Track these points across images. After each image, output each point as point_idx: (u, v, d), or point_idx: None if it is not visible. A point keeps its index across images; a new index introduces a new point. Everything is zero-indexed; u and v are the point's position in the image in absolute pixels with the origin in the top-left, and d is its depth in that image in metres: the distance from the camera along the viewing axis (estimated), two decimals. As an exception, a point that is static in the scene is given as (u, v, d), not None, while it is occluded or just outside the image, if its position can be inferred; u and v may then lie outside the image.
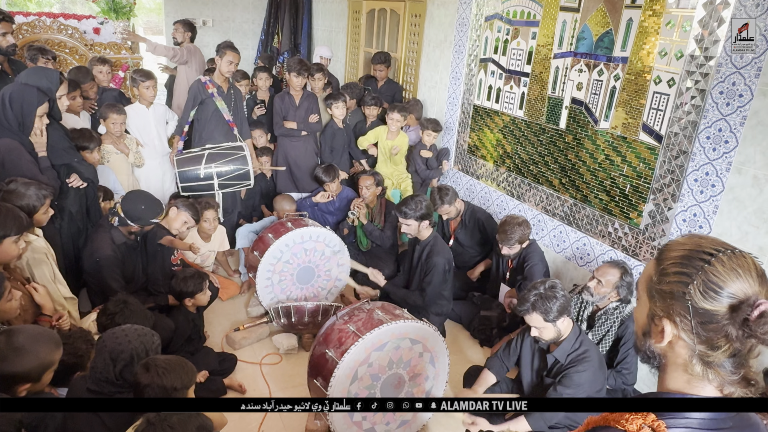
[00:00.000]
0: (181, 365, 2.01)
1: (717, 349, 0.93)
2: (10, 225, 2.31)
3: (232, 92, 4.49)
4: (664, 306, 0.99)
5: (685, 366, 0.98)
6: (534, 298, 2.52)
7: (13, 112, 2.90)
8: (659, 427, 0.96)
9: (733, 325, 0.91)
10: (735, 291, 0.91)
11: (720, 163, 2.82)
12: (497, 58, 4.42)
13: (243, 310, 4.04)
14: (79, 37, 6.07)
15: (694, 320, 0.94)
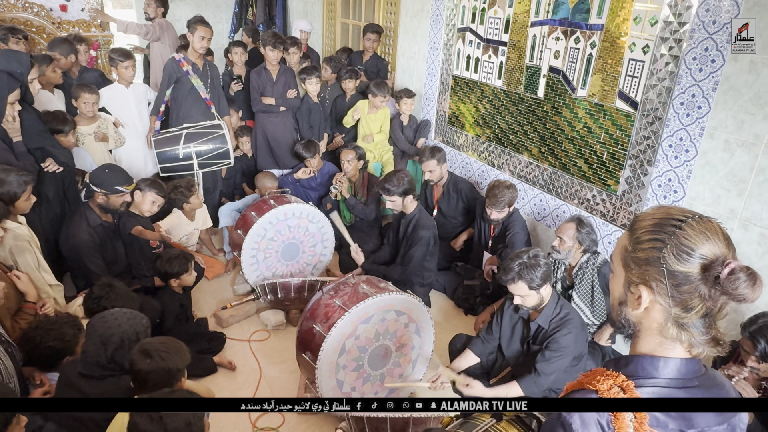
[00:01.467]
0: (177, 346, 2.04)
1: (691, 310, 0.99)
2: (-11, 213, 2.29)
3: (208, 69, 4.42)
4: (640, 273, 1.04)
5: (660, 330, 1.04)
6: (518, 267, 2.56)
7: None
8: (628, 386, 1.02)
9: (706, 284, 0.97)
10: (705, 252, 0.97)
11: (693, 128, 2.88)
12: (475, 27, 4.39)
13: (229, 289, 4.07)
14: (45, 15, 5.90)
15: (669, 283, 0.99)
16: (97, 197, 3.23)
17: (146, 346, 1.96)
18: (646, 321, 1.06)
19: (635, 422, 0.99)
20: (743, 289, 0.94)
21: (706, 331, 1.00)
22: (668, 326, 1.02)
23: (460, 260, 4.25)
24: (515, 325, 2.87)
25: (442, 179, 4.27)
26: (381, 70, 5.52)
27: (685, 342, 1.02)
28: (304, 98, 4.90)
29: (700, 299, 0.98)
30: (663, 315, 1.02)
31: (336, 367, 2.66)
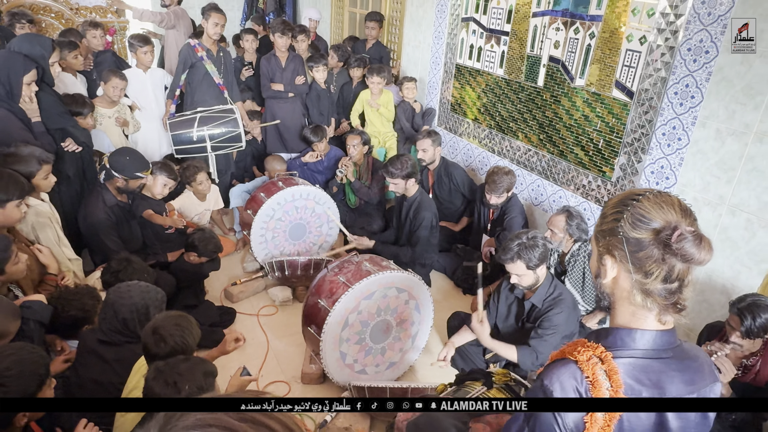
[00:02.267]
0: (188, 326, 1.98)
1: (650, 275, 1.04)
2: (12, 189, 2.34)
3: (222, 55, 4.43)
4: (605, 244, 1.11)
5: (629, 298, 1.08)
6: (518, 247, 2.60)
7: (1, 81, 2.85)
8: (606, 357, 1.06)
9: (657, 248, 1.02)
10: (658, 220, 1.03)
11: (686, 117, 2.89)
12: (478, 17, 4.38)
13: (239, 266, 4.13)
14: (63, 1, 5.89)
15: (628, 250, 1.05)
16: (116, 181, 3.28)
17: (159, 330, 1.90)
18: (618, 291, 1.11)
19: (611, 391, 1.03)
20: (689, 249, 0.99)
21: (668, 296, 1.05)
22: (634, 293, 1.07)
23: (460, 242, 4.29)
24: (511, 304, 2.92)
25: (434, 162, 4.28)
26: (383, 57, 5.51)
27: (652, 309, 1.07)
28: (312, 85, 4.91)
29: (655, 263, 1.03)
30: (629, 282, 1.07)
31: (339, 340, 2.72)
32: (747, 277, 2.72)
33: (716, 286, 2.87)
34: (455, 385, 1.89)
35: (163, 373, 1.66)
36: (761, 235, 2.63)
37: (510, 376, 1.80)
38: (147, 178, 3.40)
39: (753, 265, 2.68)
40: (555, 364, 1.11)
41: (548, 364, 1.14)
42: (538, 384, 1.11)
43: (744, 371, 2.34)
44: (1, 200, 2.30)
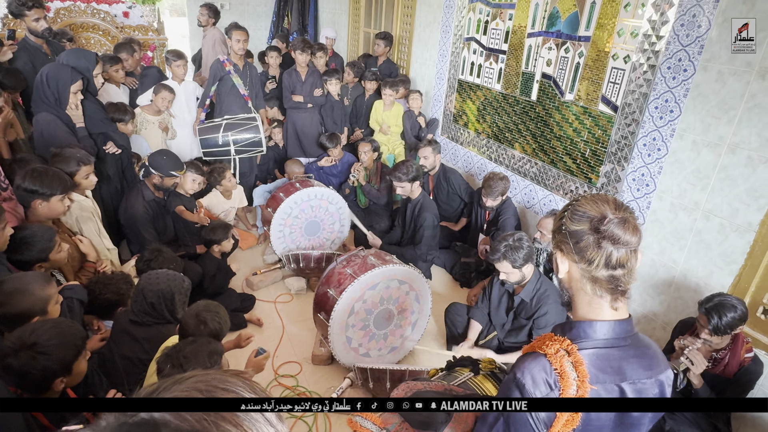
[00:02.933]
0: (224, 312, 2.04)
1: (592, 262, 1.04)
2: (57, 185, 2.37)
3: (248, 69, 4.46)
4: (555, 242, 1.12)
5: (582, 289, 1.08)
6: (504, 248, 2.60)
7: (50, 89, 2.90)
8: (572, 349, 1.05)
9: (592, 236, 1.03)
10: (593, 212, 1.04)
11: (665, 129, 2.84)
12: (479, 38, 4.36)
13: (260, 258, 4.15)
14: (110, 21, 5.97)
15: (571, 241, 1.06)
16: (153, 178, 3.33)
17: (202, 314, 1.95)
18: (573, 283, 1.11)
19: (578, 381, 1.02)
20: (616, 231, 1.01)
21: (611, 280, 1.05)
22: (584, 282, 1.07)
23: (458, 240, 4.27)
24: (502, 296, 2.91)
25: (434, 168, 4.27)
26: (393, 73, 5.51)
27: (604, 297, 1.06)
28: (327, 96, 4.93)
29: (593, 250, 1.03)
30: (578, 272, 1.08)
31: (346, 326, 2.72)
32: (719, 277, 2.67)
33: (690, 285, 2.83)
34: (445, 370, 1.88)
35: (170, 356, 1.67)
36: (732, 238, 2.58)
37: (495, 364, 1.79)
38: (179, 178, 3.44)
39: (724, 265, 2.64)
40: (526, 358, 1.10)
41: (520, 357, 1.13)
42: (511, 377, 1.09)
43: (714, 364, 2.30)
44: (46, 194, 2.34)
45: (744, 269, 2.54)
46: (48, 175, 2.35)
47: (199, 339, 1.75)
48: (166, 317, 2.13)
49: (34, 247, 2.14)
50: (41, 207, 2.35)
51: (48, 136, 2.88)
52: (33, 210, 2.36)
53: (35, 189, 2.31)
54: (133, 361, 2.03)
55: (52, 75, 2.89)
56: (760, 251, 2.47)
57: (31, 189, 2.30)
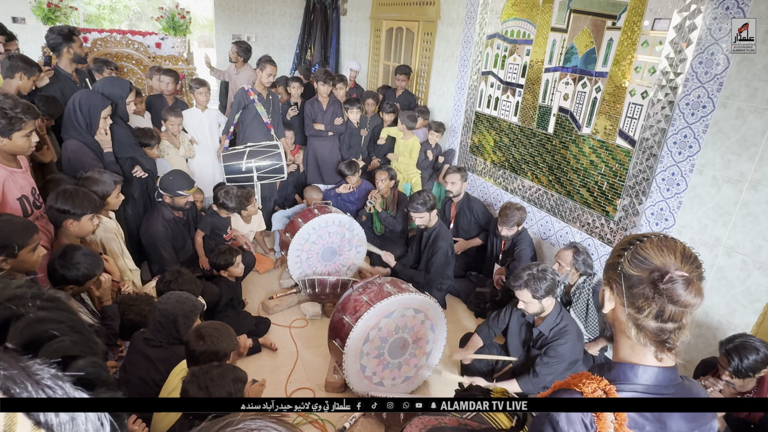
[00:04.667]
0: (227, 332, 2.02)
1: (642, 311, 0.98)
2: (87, 205, 2.42)
3: (270, 98, 4.55)
4: (606, 276, 1.07)
5: (625, 331, 1.03)
6: (527, 277, 2.54)
7: (82, 115, 2.99)
8: (610, 390, 0.99)
9: (649, 287, 0.97)
10: (656, 261, 0.98)
11: (684, 164, 2.81)
12: (496, 72, 4.41)
13: (276, 282, 4.15)
14: (143, 51, 6.20)
15: (624, 284, 1.00)
16: (165, 198, 3.39)
17: (201, 330, 1.96)
18: (617, 323, 1.06)
19: (616, 423, 0.96)
20: (677, 291, 0.94)
21: (659, 334, 0.99)
22: (629, 327, 1.01)
23: (473, 270, 4.22)
24: (521, 326, 2.84)
25: (459, 196, 4.26)
26: (411, 104, 5.58)
27: (647, 345, 1.00)
28: (347, 123, 5.01)
29: (647, 301, 0.98)
30: (624, 315, 1.02)
31: (360, 354, 2.68)
32: (742, 315, 2.59)
33: (712, 323, 2.73)
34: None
35: (197, 377, 1.65)
36: (756, 275, 2.51)
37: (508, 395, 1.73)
38: (190, 196, 3.47)
39: (748, 303, 2.55)
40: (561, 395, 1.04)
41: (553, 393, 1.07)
42: (544, 415, 1.03)
43: (739, 405, 2.20)
44: (77, 214, 2.39)
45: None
46: (79, 196, 2.40)
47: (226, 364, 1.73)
48: (176, 337, 2.13)
49: (79, 269, 2.17)
50: (72, 226, 2.39)
51: (75, 162, 2.96)
52: (64, 229, 2.41)
53: (67, 209, 2.35)
54: (148, 383, 2.02)
55: (84, 101, 2.98)
56: (784, 290, 2.39)
57: (63, 209, 2.35)
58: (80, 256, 2.18)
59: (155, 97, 4.64)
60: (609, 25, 3.23)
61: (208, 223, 3.67)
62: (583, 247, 3.06)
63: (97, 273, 2.24)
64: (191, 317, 2.22)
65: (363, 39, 7.35)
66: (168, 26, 6.46)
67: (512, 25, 4.15)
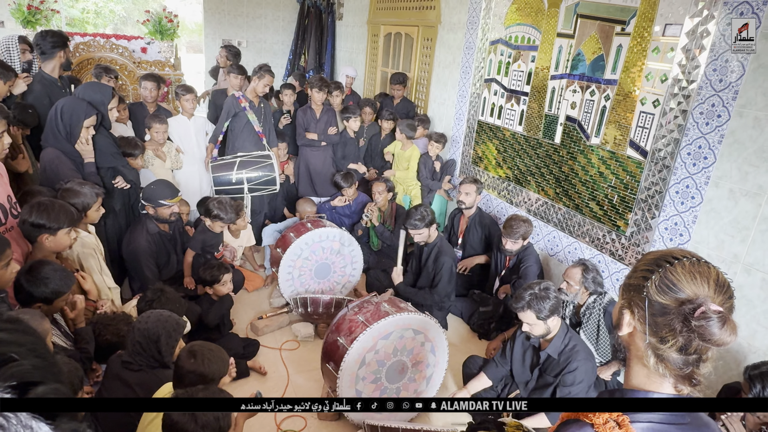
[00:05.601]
0: (220, 356, 1.99)
1: (665, 342, 0.95)
2: (64, 218, 2.39)
3: (262, 106, 4.56)
4: (627, 297, 1.02)
5: (642, 358, 1.00)
6: (529, 297, 2.51)
7: (63, 123, 2.97)
8: (623, 421, 0.96)
9: (678, 319, 0.93)
10: (686, 290, 0.93)
11: (699, 177, 2.80)
12: (500, 79, 4.43)
13: (266, 301, 4.10)
14: (128, 55, 6.22)
15: (648, 311, 0.96)
16: (148, 209, 3.36)
17: (194, 347, 1.94)
18: (633, 348, 1.03)
19: None
20: (710, 329, 0.89)
21: (683, 367, 0.95)
22: (648, 354, 0.98)
23: (476, 288, 4.19)
24: (526, 351, 2.80)
25: (471, 209, 4.23)
26: (410, 112, 5.60)
27: (666, 375, 0.98)
28: (343, 132, 5.01)
29: (672, 333, 0.94)
30: (643, 342, 0.99)
31: (356, 378, 2.63)
32: (764, 336, 2.56)
33: (732, 345, 2.69)
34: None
35: None
36: (777, 295, 2.49)
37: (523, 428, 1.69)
38: (175, 206, 3.44)
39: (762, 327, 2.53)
40: (569, 426, 1.01)
41: (561, 424, 1.04)
42: None
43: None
44: (53, 228, 2.35)
45: (791, 330, 2.43)
46: (55, 208, 2.36)
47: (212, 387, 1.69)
48: (157, 359, 2.08)
49: (47, 286, 2.12)
50: (47, 241, 2.35)
51: (51, 173, 2.93)
52: (39, 244, 2.37)
53: (42, 223, 2.32)
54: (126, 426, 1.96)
55: (66, 109, 2.97)
56: (808, 310, 2.37)
57: (37, 223, 2.31)
58: (49, 272, 2.13)
59: (136, 106, 4.61)
60: (618, 31, 3.25)
61: (199, 241, 3.62)
62: (592, 264, 3.03)
63: (68, 291, 2.19)
64: (174, 337, 2.17)
65: (360, 45, 7.41)
66: (155, 30, 6.49)
67: (516, 31, 4.18)
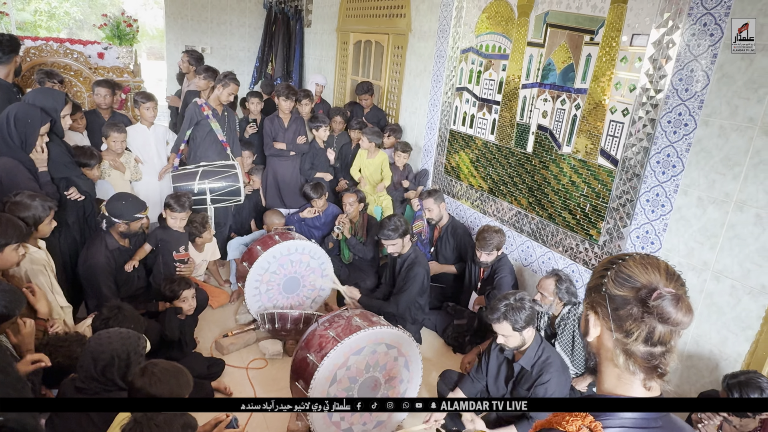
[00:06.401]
0: (176, 376, 1.93)
1: (630, 335, 1.00)
2: (11, 233, 2.31)
3: (226, 114, 4.52)
4: (590, 300, 1.08)
5: (612, 359, 1.04)
6: (505, 308, 2.54)
7: (17, 130, 2.90)
8: (596, 427, 0.99)
9: (637, 306, 1.00)
10: (641, 279, 1.00)
11: (669, 185, 2.91)
12: (471, 88, 4.52)
13: (232, 318, 4.03)
14: (83, 61, 6.07)
15: (610, 306, 1.03)
16: (119, 227, 3.28)
17: (148, 365, 1.90)
18: (603, 351, 1.07)
19: None
20: (666, 308, 0.96)
21: (650, 359, 1.01)
22: (617, 353, 1.03)
23: (450, 300, 4.21)
24: (501, 364, 2.83)
25: (442, 220, 4.28)
26: (381, 120, 5.65)
27: (636, 373, 1.02)
28: (312, 142, 5.01)
29: (635, 322, 1.00)
30: (611, 341, 1.04)
31: (327, 396, 2.60)
32: (734, 344, 2.65)
33: (704, 352, 2.80)
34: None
35: (140, 424, 1.56)
36: (746, 301, 2.59)
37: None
38: (145, 218, 3.40)
39: (739, 331, 2.62)
40: None
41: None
42: None
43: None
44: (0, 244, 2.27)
45: (761, 335, 2.53)
46: (1, 223, 2.28)
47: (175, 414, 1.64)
48: (118, 384, 2.01)
49: None
50: (-7, 258, 2.27)
51: (7, 183, 2.84)
52: (-18, 262, 2.28)
53: (-14, 239, 2.23)
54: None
55: (21, 116, 2.89)
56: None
57: (-20, 239, 2.23)
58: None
59: (91, 114, 4.51)
60: (587, 41, 3.37)
61: (154, 236, 3.59)
62: (565, 274, 3.10)
63: (17, 312, 2.10)
64: (134, 358, 2.10)
65: (329, 52, 7.45)
66: (112, 35, 6.38)
67: (487, 39, 4.28)
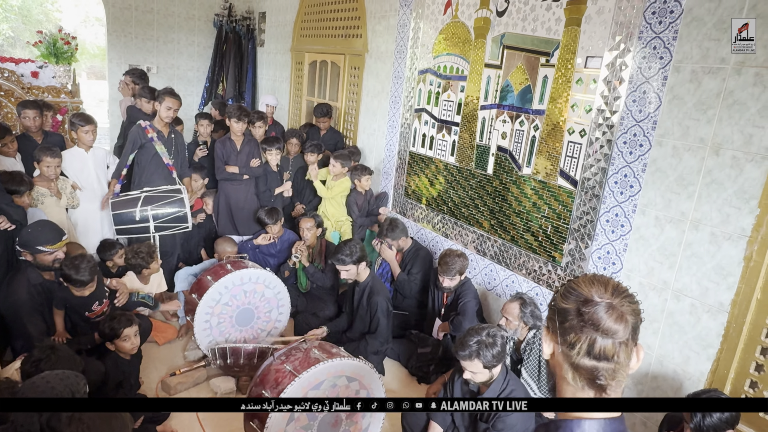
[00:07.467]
0: (107, 421, 1.79)
1: (573, 347, 1.07)
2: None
3: (173, 136, 4.44)
4: (546, 319, 1.16)
5: (564, 376, 1.10)
6: (476, 345, 2.51)
7: None
8: None
9: (575, 317, 1.07)
10: (584, 292, 1.08)
11: (627, 205, 3.04)
12: (430, 109, 4.61)
13: (180, 355, 3.88)
14: (15, 80, 5.87)
15: (558, 319, 1.10)
16: (25, 255, 3.09)
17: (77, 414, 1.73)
18: (557, 369, 1.13)
19: None
20: (599, 314, 1.04)
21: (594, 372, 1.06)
22: (567, 369, 1.09)
23: (413, 328, 4.21)
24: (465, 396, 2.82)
25: (405, 246, 4.34)
26: (338, 143, 5.68)
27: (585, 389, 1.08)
28: (265, 167, 4.97)
29: (575, 333, 1.06)
30: (561, 357, 1.10)
31: (284, 436, 2.53)
32: (696, 363, 2.76)
33: (668, 373, 2.89)
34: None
35: None
36: (705, 319, 2.70)
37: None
38: (58, 252, 3.15)
39: (701, 350, 2.73)
40: None
41: None
42: None
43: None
44: None
45: (721, 353, 2.64)
46: None
47: None
48: None
49: None
50: None
51: None
52: None
53: None
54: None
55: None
56: (734, 334, 2.59)
57: None
58: None
59: (21, 138, 4.34)
60: (543, 62, 3.52)
61: (60, 299, 3.25)
62: (529, 297, 3.16)
63: None
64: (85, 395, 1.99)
65: (283, 72, 7.48)
66: (48, 53, 6.21)
67: (445, 61, 4.40)
